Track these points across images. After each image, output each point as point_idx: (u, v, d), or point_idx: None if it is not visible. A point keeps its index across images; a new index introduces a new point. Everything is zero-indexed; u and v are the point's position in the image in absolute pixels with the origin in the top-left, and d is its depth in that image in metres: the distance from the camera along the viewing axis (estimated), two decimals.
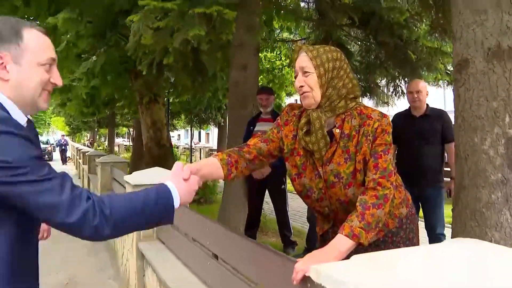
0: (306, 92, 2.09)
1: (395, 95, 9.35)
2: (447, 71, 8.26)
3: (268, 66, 16.40)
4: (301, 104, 2.20)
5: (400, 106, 5.49)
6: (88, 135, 51.18)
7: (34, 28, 1.53)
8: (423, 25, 7.84)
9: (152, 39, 4.82)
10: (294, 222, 7.28)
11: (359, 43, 8.97)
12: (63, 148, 32.59)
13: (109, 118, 27.00)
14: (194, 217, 3.32)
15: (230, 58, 6.70)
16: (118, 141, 47.08)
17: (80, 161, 17.94)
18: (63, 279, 5.61)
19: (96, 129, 42.75)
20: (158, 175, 4.56)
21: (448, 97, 4.46)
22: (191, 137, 28.19)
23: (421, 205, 4.88)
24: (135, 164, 13.86)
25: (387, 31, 7.22)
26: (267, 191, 6.18)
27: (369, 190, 1.99)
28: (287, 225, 6.15)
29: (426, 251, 1.33)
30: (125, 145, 44.99)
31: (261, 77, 15.18)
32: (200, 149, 34.26)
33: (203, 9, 4.43)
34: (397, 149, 4.92)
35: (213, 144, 46.36)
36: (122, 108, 18.33)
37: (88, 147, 32.68)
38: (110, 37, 8.75)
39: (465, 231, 3.03)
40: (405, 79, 8.44)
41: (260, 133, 5.60)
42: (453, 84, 3.47)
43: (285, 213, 6.14)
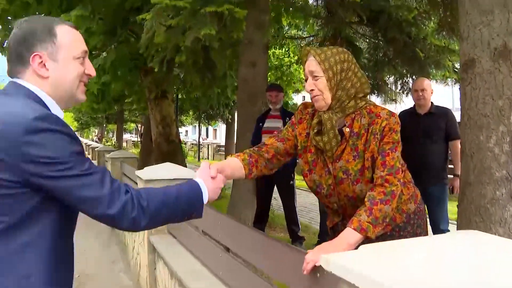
0: (317, 96, 2.15)
1: (403, 92, 9.38)
2: (455, 69, 8.26)
3: (277, 63, 16.27)
4: None
5: (408, 103, 5.53)
6: (97, 130, 51.25)
7: (65, 24, 1.56)
8: (431, 23, 7.85)
9: (164, 37, 4.88)
10: (302, 218, 7.31)
11: (367, 40, 8.99)
12: None
13: (117, 114, 27.05)
14: (207, 211, 3.37)
15: (239, 56, 6.77)
16: (126, 136, 47.19)
17: (89, 156, 18.01)
18: (74, 272, 5.66)
19: (104, 125, 42.82)
20: (170, 170, 4.61)
21: (457, 94, 4.51)
22: (199, 133, 28.16)
23: (425, 201, 4.93)
24: (144, 160, 13.91)
25: (396, 29, 7.23)
26: (275, 187, 6.19)
27: (377, 186, 2.06)
28: (295, 220, 6.16)
29: (431, 241, 1.40)
30: (133, 141, 45.10)
31: (269, 74, 15.04)
32: (208, 145, 34.25)
33: (215, 8, 4.50)
34: (402, 146, 4.96)
35: (220, 140, 46.32)
36: (130, 104, 18.34)
37: (97, 142, 32.73)
38: (120, 34, 8.80)
39: (470, 226, 3.09)
40: (413, 77, 8.44)
41: (269, 129, 5.68)
42: (459, 83, 3.52)
43: (293, 208, 6.15)
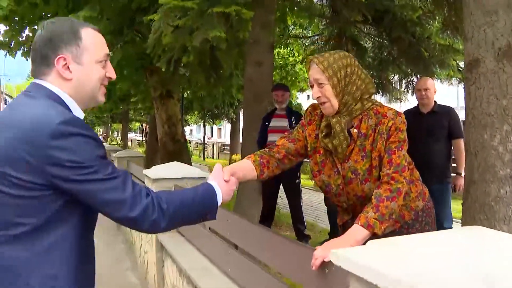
0: (324, 102, 2.21)
1: (407, 91, 9.39)
2: (459, 68, 8.27)
3: (281, 62, 16.18)
4: None
5: (413, 101, 5.56)
6: (102, 130, 51.35)
7: (89, 27, 1.58)
8: (436, 23, 7.87)
9: (171, 37, 4.92)
10: (307, 216, 7.31)
11: (372, 39, 9.01)
12: None
13: (123, 113, 27.10)
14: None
15: (245, 55, 6.80)
16: (130, 136, 47.21)
17: None
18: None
19: (109, 124, 42.90)
20: (177, 169, 4.66)
21: (462, 94, 4.53)
22: (204, 132, 28.16)
23: None
24: (149, 159, 13.97)
25: (400, 28, 7.26)
26: (281, 185, 6.23)
27: (383, 184, 2.11)
28: (301, 219, 6.20)
29: (437, 235, 1.45)
30: (137, 140, 45.19)
31: (274, 73, 14.93)
32: (213, 144, 34.27)
33: (222, 9, 4.54)
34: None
35: (225, 139, 46.38)
36: (136, 104, 18.39)
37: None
38: (126, 34, 8.84)
39: (474, 224, 3.12)
40: (418, 76, 8.44)
41: (275, 128, 5.72)
42: (464, 82, 3.56)
43: (299, 207, 6.18)
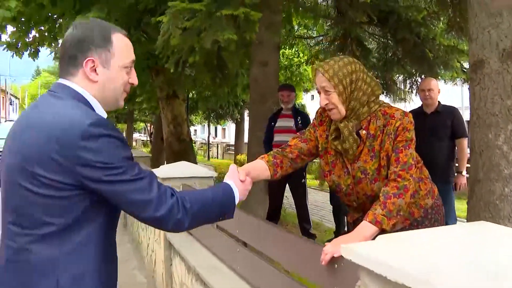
0: (332, 109, 2.27)
1: (412, 91, 9.41)
2: (464, 69, 8.29)
3: (286, 63, 16.10)
4: None
5: (418, 102, 5.61)
6: None
7: (120, 32, 1.60)
8: (440, 24, 7.90)
9: (180, 39, 4.96)
10: (313, 216, 7.33)
11: (377, 40, 9.04)
12: None
13: (127, 113, 27.16)
14: None
15: (251, 55, 6.84)
16: (135, 136, 47.27)
17: None
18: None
19: (114, 124, 42.91)
20: (185, 168, 4.73)
21: (466, 94, 4.57)
22: (209, 132, 28.18)
23: None
24: (155, 159, 14.03)
25: (405, 29, 7.29)
26: (287, 185, 6.24)
27: (390, 181, 2.17)
28: (306, 218, 6.22)
29: (445, 230, 1.50)
30: (142, 140, 45.23)
31: (279, 74, 14.88)
32: (218, 144, 34.30)
33: (232, 11, 4.60)
34: None
35: (229, 139, 46.40)
36: (140, 104, 18.44)
37: None
38: (133, 34, 8.88)
39: None
40: (422, 76, 8.46)
41: (281, 129, 5.76)
42: (469, 83, 3.61)
43: (305, 206, 6.20)
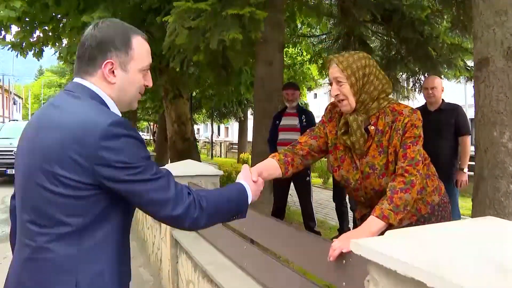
0: (342, 100, 2.31)
1: (415, 90, 9.41)
2: (467, 67, 8.29)
3: (289, 61, 16.11)
4: None
5: (421, 100, 5.63)
6: None
7: (140, 35, 1.60)
8: (444, 22, 7.90)
9: (185, 38, 4.99)
10: (317, 214, 7.32)
11: (380, 38, 9.04)
12: None
13: (131, 112, 27.21)
14: None
15: (255, 54, 6.88)
16: None
17: None
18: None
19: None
20: (191, 167, 4.76)
21: (469, 92, 4.59)
22: (212, 131, 28.17)
23: None
24: (159, 158, 14.08)
25: (409, 28, 7.29)
26: (292, 183, 6.26)
27: (397, 176, 2.20)
28: (311, 216, 6.24)
29: (453, 225, 1.53)
30: (145, 139, 45.20)
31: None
32: (221, 143, 34.27)
33: (237, 10, 4.63)
34: None
35: (232, 138, 46.43)
36: (144, 103, 18.46)
37: None
38: None
39: None
40: (425, 74, 8.49)
41: (286, 127, 5.78)
42: (473, 80, 3.62)
43: (310, 204, 6.24)
